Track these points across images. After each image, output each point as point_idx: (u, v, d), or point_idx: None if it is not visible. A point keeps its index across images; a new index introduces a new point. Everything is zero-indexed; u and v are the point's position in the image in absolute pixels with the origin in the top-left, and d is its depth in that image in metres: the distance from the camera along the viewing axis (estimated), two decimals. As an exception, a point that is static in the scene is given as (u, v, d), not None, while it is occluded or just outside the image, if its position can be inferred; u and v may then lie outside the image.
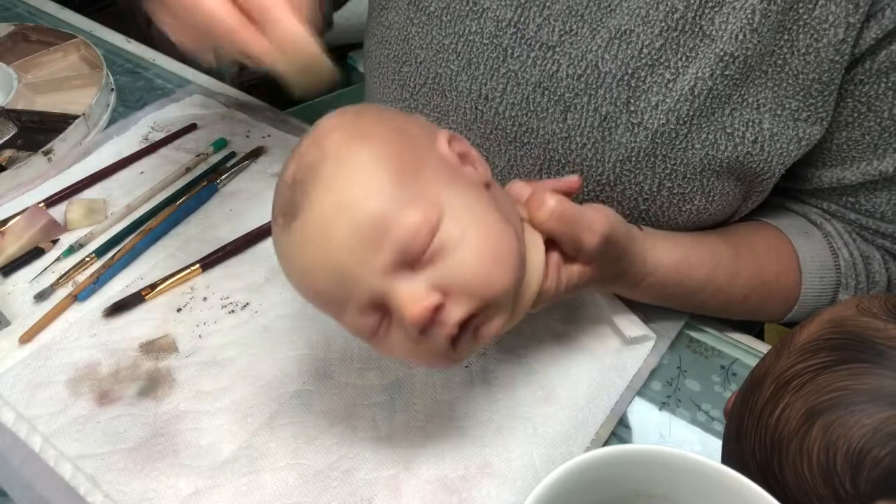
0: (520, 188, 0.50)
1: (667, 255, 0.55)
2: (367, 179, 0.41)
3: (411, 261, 0.41)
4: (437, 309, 0.41)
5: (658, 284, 0.55)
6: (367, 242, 0.40)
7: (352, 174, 0.41)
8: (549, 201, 0.47)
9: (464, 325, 0.42)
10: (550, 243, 0.48)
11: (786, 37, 0.51)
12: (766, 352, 0.45)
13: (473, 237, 0.42)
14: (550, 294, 0.48)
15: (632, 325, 0.58)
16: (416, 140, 0.45)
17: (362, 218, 0.40)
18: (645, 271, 0.54)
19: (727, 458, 0.44)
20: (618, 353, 0.58)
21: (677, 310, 0.60)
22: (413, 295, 0.41)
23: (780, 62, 0.52)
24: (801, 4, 0.50)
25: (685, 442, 0.54)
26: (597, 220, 0.48)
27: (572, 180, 0.52)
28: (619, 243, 0.50)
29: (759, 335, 0.67)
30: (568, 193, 0.51)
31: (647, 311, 0.60)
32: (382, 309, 0.43)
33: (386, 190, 0.41)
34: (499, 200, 0.46)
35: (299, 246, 0.42)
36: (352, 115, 0.45)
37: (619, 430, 0.54)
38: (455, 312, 0.42)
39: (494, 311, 0.43)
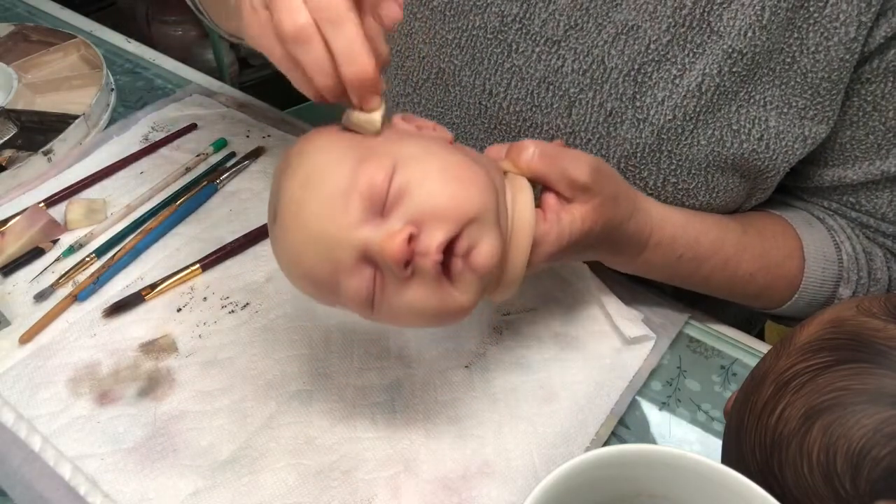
0: (497, 148, 0.49)
1: (673, 213, 0.55)
2: (322, 157, 0.43)
3: (378, 207, 0.41)
4: (412, 240, 0.40)
5: (667, 244, 0.54)
6: (334, 204, 0.41)
7: (310, 158, 0.44)
8: (529, 145, 0.47)
9: (448, 252, 0.41)
10: (545, 191, 0.48)
11: (795, 34, 0.51)
12: (766, 352, 0.45)
13: (433, 169, 0.42)
14: (553, 237, 0.47)
15: (632, 325, 0.58)
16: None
17: (323, 185, 0.42)
18: (651, 223, 0.53)
19: (727, 458, 0.44)
20: (618, 353, 0.58)
21: (687, 287, 0.59)
22: (386, 234, 0.41)
23: (788, 60, 0.52)
24: (811, 2, 0.50)
25: (685, 442, 0.54)
26: (581, 154, 0.48)
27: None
28: (613, 177, 0.49)
29: (760, 335, 0.67)
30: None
31: (647, 311, 0.60)
32: (371, 264, 0.42)
33: (339, 158, 0.43)
34: (467, 152, 0.46)
35: (283, 234, 0.44)
36: (311, 133, 0.47)
37: (619, 430, 0.54)
38: (432, 238, 0.41)
39: (477, 232, 0.42)
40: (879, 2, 0.49)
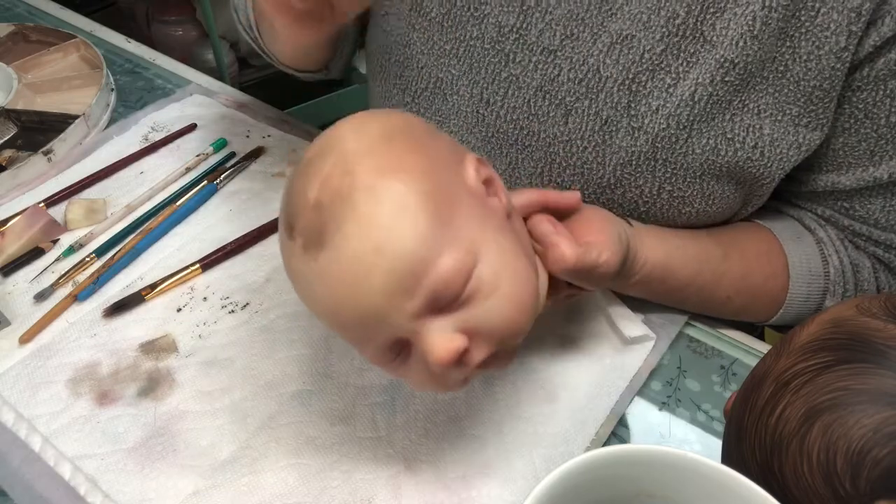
0: (544, 229, 0.49)
1: (655, 252, 0.56)
2: (405, 221, 0.39)
3: (443, 305, 0.41)
4: (464, 353, 0.42)
5: (645, 280, 0.56)
6: (402, 288, 0.39)
7: (389, 214, 0.39)
8: (567, 257, 0.47)
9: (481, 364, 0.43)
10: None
11: (787, 43, 0.52)
12: (766, 352, 0.45)
13: (506, 284, 0.42)
14: (548, 307, 0.50)
15: (632, 325, 0.58)
16: (448, 170, 0.44)
17: (400, 263, 0.39)
18: (634, 268, 0.55)
19: (727, 458, 0.44)
20: (618, 353, 0.58)
21: (660, 303, 0.61)
22: (442, 339, 0.41)
23: (781, 68, 0.52)
24: (802, 12, 0.50)
25: (685, 442, 0.54)
26: (609, 264, 0.49)
27: (572, 199, 0.52)
28: (622, 263, 0.51)
29: (760, 335, 0.67)
30: (567, 208, 0.52)
31: (647, 311, 0.60)
32: (405, 346, 0.43)
33: (424, 233, 0.39)
34: (518, 233, 0.46)
35: (328, 281, 0.41)
36: (381, 137, 0.42)
37: (619, 430, 0.54)
38: (477, 355, 0.43)
39: (510, 349, 0.45)
40: (869, 11, 0.49)
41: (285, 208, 0.43)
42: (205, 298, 0.63)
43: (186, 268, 0.64)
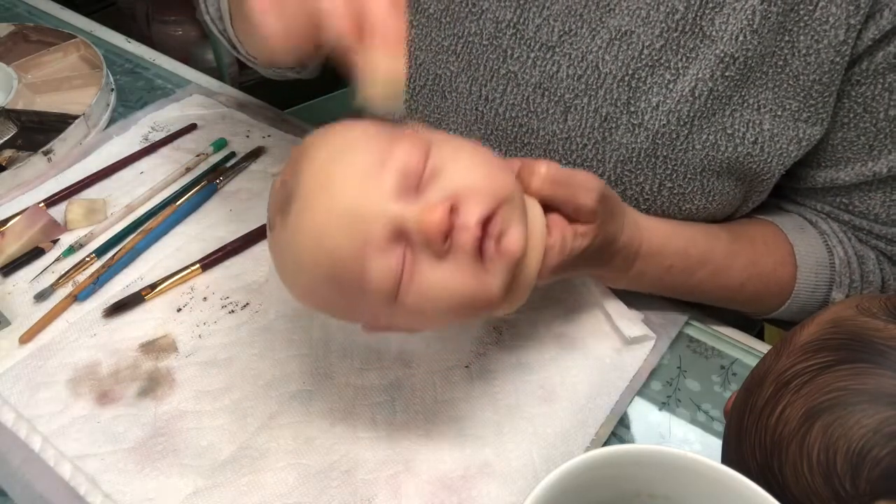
0: (513, 164, 0.49)
1: (660, 223, 0.56)
2: (351, 133, 0.44)
3: (413, 183, 0.41)
4: (453, 212, 0.40)
5: (656, 253, 0.55)
6: (368, 175, 0.41)
7: (336, 136, 0.44)
8: (541, 168, 0.47)
9: (484, 231, 0.41)
10: (550, 209, 0.48)
11: (786, 38, 0.52)
12: (766, 352, 0.45)
13: (466, 152, 0.44)
14: (557, 251, 0.47)
15: (632, 325, 0.58)
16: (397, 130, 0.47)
17: (355, 157, 0.42)
18: (640, 235, 0.54)
19: (727, 458, 0.44)
20: (618, 353, 0.58)
21: (678, 298, 0.60)
22: (426, 205, 0.40)
23: (780, 63, 0.52)
24: (801, 6, 0.50)
25: (685, 442, 0.54)
26: (589, 179, 0.48)
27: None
28: (612, 197, 0.50)
29: (759, 335, 0.68)
30: None
31: (647, 311, 0.60)
32: (402, 243, 0.41)
33: (370, 135, 0.43)
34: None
35: (302, 223, 0.42)
36: (334, 127, 0.47)
37: (619, 430, 0.54)
38: (472, 212, 0.41)
39: (509, 215, 0.42)
40: (868, 4, 0.49)
41: (268, 205, 0.47)
42: (205, 298, 0.63)
43: (186, 268, 0.64)
